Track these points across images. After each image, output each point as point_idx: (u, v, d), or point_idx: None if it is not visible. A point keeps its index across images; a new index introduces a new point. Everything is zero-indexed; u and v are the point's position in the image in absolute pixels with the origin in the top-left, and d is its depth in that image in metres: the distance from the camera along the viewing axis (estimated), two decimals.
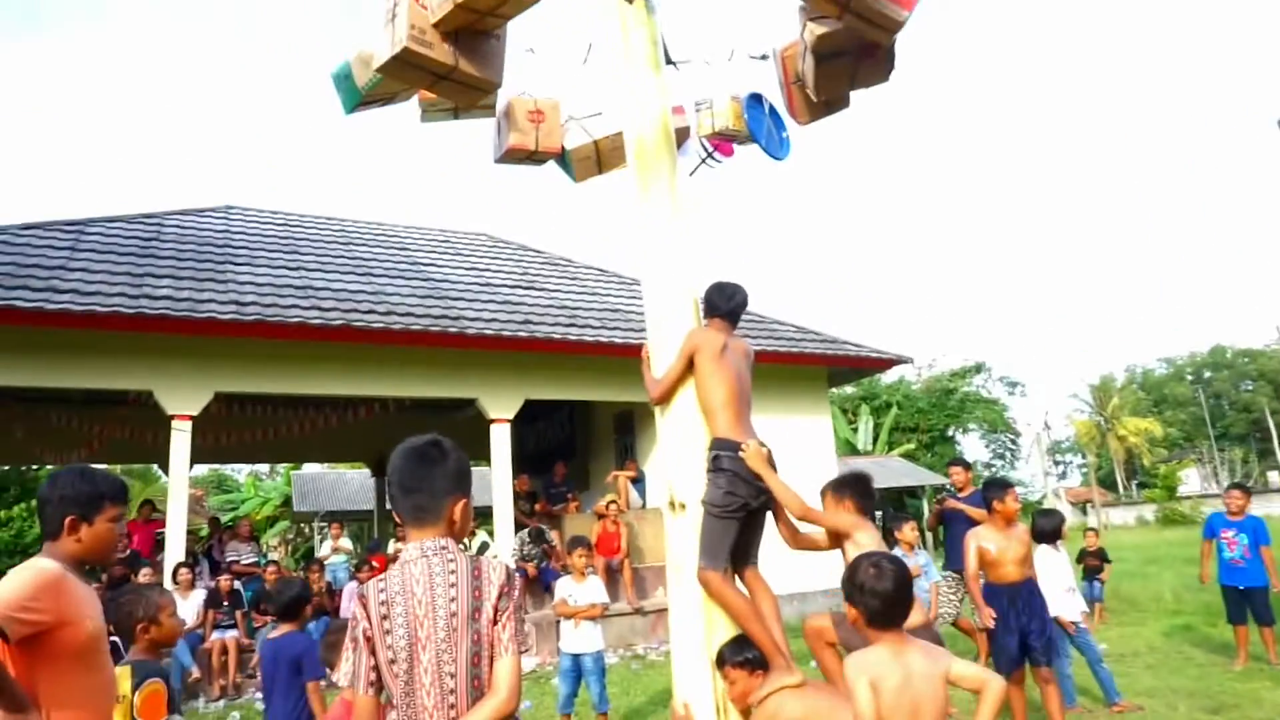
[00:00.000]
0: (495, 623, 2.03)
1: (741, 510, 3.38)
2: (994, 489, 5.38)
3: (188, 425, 9.00)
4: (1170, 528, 30.37)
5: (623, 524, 10.97)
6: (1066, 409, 60.76)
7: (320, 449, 17.40)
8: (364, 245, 13.14)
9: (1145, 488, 52.91)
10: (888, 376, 35.37)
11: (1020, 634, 4.98)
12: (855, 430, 32.39)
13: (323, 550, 12.02)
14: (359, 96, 3.73)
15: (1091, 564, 10.49)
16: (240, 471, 38.28)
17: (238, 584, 9.15)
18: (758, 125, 4.50)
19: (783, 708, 3.02)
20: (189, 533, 10.18)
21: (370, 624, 2.02)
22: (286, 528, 32.18)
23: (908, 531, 7.14)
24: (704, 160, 4.81)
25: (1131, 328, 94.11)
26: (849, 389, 33.50)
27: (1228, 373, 62.27)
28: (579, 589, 5.86)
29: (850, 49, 3.73)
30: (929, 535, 20.47)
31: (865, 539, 3.29)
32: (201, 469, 36.86)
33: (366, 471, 22.19)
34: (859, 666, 2.34)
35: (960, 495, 7.65)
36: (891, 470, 28.86)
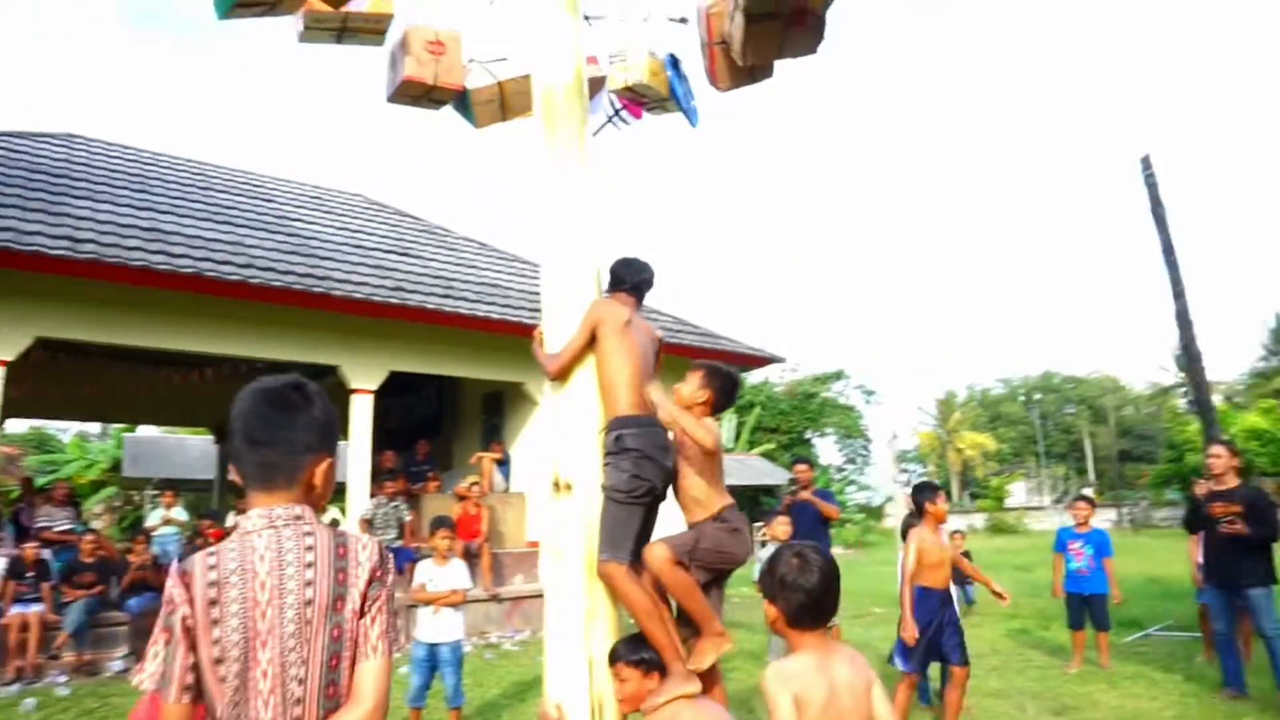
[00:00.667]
0: (362, 615, 1.62)
1: (648, 495, 3.12)
2: (925, 491, 5.34)
3: (1, 372, 7.98)
4: (999, 535, 32.41)
5: (484, 507, 10.59)
6: (913, 421, 64.09)
7: (158, 410, 16.10)
8: (224, 192, 12.11)
9: (976, 498, 56.49)
10: (753, 377, 36.14)
11: (937, 635, 5.04)
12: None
13: (152, 519, 11.00)
14: None
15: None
16: (67, 432, 35.15)
17: (46, 553, 8.19)
18: (676, 86, 4.26)
19: (677, 718, 2.79)
20: None
21: (193, 610, 1.55)
22: (114, 494, 29.68)
23: (778, 527, 7.10)
24: (610, 119, 4.54)
25: (976, 348, 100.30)
26: None
27: (1054, 396, 67.24)
28: (440, 573, 5.46)
29: (783, 11, 3.53)
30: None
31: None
32: (19, 425, 33.61)
33: (209, 438, 20.73)
34: (781, 677, 2.08)
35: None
36: (752, 468, 29.54)
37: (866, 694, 2.11)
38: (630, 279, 3.58)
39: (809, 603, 2.14)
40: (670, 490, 3.29)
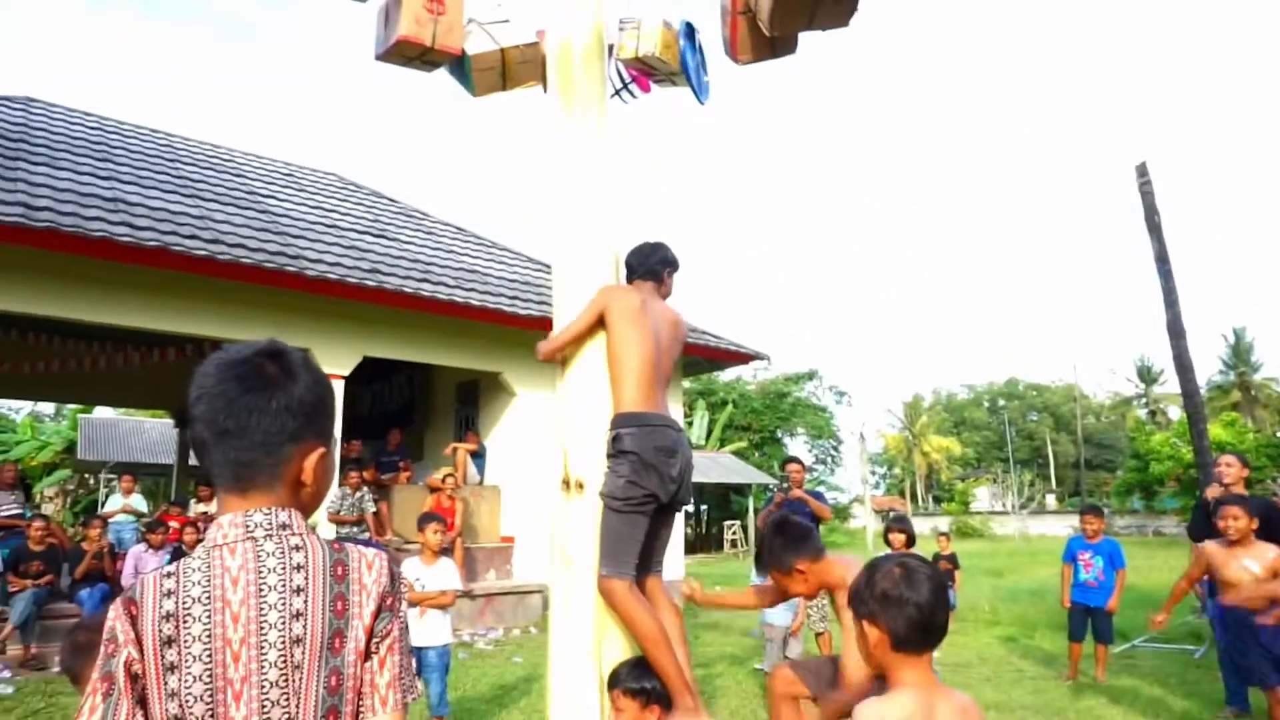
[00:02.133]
0: (368, 656, 1.24)
1: (648, 504, 2.81)
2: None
3: None
4: (964, 539, 32.58)
5: (458, 499, 10.24)
6: (880, 423, 64.52)
7: (115, 391, 15.46)
8: (192, 165, 11.59)
9: (939, 501, 57.00)
10: (725, 375, 36.00)
11: None
12: (690, 424, 32.71)
13: (110, 505, 10.50)
14: None
15: (944, 568, 10.65)
16: (19, 412, 34.06)
17: None
18: (689, 59, 3.95)
19: None
20: None
21: (141, 653, 1.16)
22: (67, 477, 28.78)
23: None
24: (618, 91, 4.21)
25: (941, 352, 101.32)
26: (686, 383, 33.87)
27: (1018, 403, 68.06)
28: (428, 572, 5.10)
29: None
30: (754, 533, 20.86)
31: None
32: None
33: (169, 421, 20.08)
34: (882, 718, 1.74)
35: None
36: (723, 466, 29.35)
37: None
38: (640, 265, 3.32)
39: (921, 619, 1.78)
40: (683, 497, 3.00)
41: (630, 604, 2.73)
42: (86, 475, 29.04)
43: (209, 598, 1.18)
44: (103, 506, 11.02)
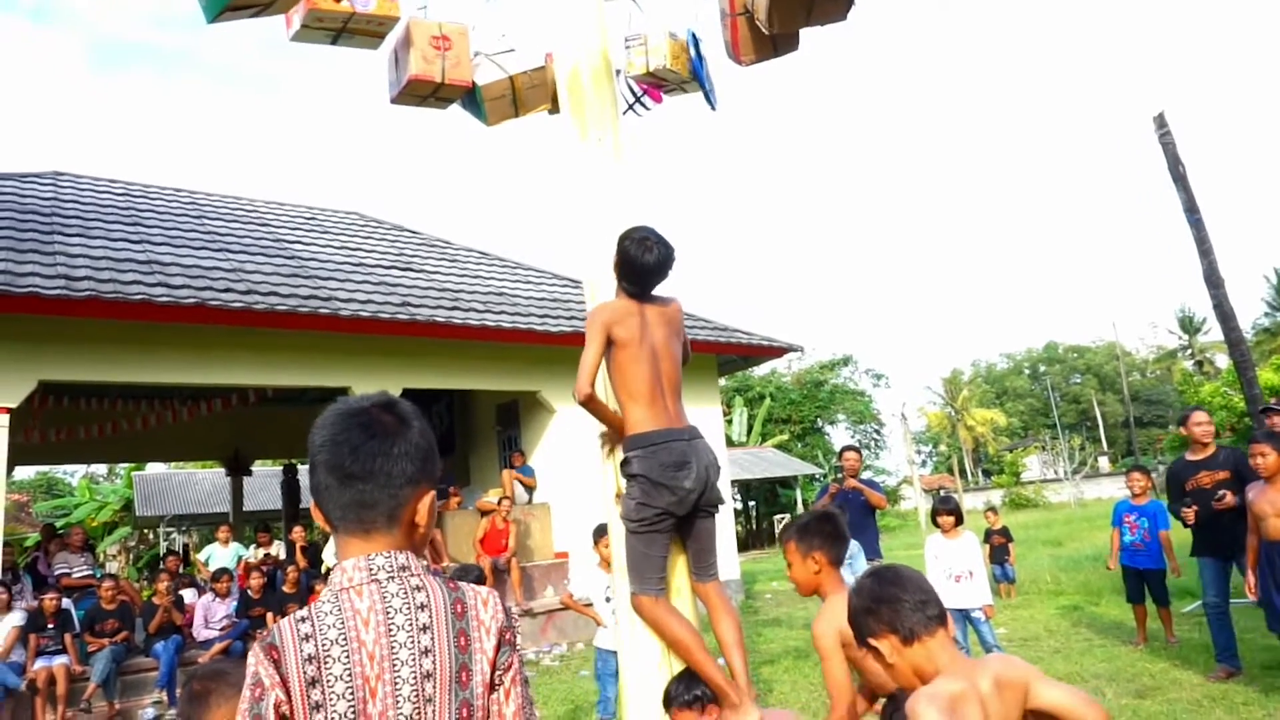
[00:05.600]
0: (493, 688, 1.34)
1: (662, 521, 2.85)
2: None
3: (5, 419, 7.72)
4: (1018, 511, 32.10)
5: (511, 521, 10.35)
6: (921, 401, 63.84)
7: (167, 446, 15.83)
8: (219, 219, 11.87)
9: (989, 475, 56.21)
10: (761, 369, 35.94)
11: None
12: (730, 422, 32.67)
13: (206, 555, 10.62)
14: None
15: (998, 542, 10.57)
16: (73, 474, 34.95)
17: (66, 602, 7.92)
18: (700, 67, 4.01)
19: None
20: (9, 544, 8.84)
21: (288, 694, 1.24)
22: (127, 534, 29.44)
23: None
24: (631, 106, 4.28)
25: (977, 324, 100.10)
26: (721, 381, 33.85)
27: (1060, 366, 66.98)
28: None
29: None
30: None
31: (836, 613, 2.54)
32: (25, 471, 33.35)
33: (220, 471, 20.46)
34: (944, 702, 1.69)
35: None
36: (767, 461, 29.28)
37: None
38: (626, 277, 3.03)
39: (915, 600, 1.83)
40: (711, 498, 3.00)
41: (657, 615, 2.82)
42: (146, 530, 29.69)
43: (345, 639, 1.27)
44: (200, 557, 11.16)
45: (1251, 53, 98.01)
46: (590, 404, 2.89)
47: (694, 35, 4.11)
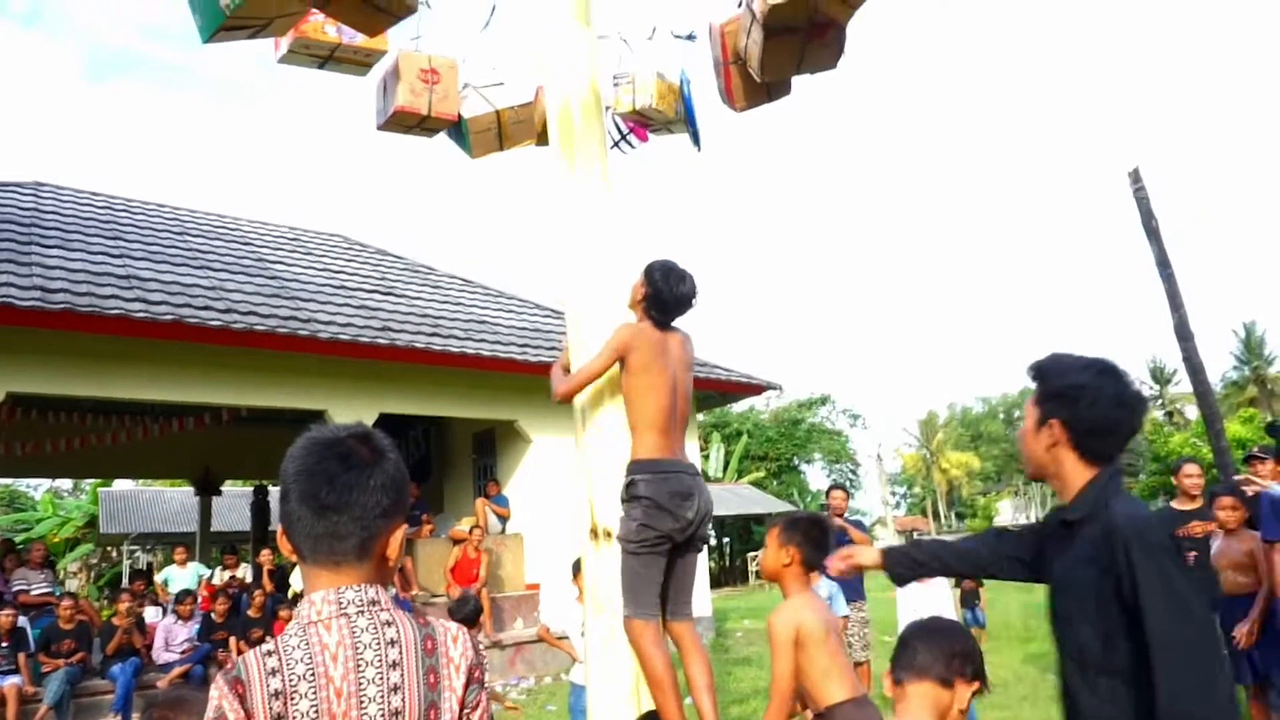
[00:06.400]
0: None
1: (661, 544, 2.88)
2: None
3: None
4: None
5: (483, 551, 10.26)
6: (897, 442, 64.17)
7: (136, 463, 15.59)
8: (201, 236, 11.82)
9: (962, 518, 56.45)
10: (739, 405, 36.02)
11: None
12: (707, 457, 32.64)
13: (163, 578, 10.42)
14: (221, 17, 2.98)
15: (969, 587, 10.59)
16: (37, 488, 34.24)
17: (23, 620, 7.74)
18: (690, 108, 4.08)
19: None
20: None
21: None
22: (90, 551, 28.84)
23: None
24: (616, 143, 4.34)
25: (953, 367, 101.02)
26: (700, 416, 33.87)
27: None
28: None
29: (803, 25, 3.37)
30: None
31: (796, 611, 2.64)
32: None
33: (189, 490, 20.15)
34: None
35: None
36: (743, 498, 29.25)
37: None
38: (655, 306, 3.12)
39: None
40: (701, 534, 3.03)
41: (644, 644, 2.82)
42: (109, 548, 29.10)
43: (313, 674, 1.24)
44: (159, 578, 10.94)
45: (1222, 107, 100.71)
46: (564, 400, 3.13)
47: (685, 77, 4.18)
